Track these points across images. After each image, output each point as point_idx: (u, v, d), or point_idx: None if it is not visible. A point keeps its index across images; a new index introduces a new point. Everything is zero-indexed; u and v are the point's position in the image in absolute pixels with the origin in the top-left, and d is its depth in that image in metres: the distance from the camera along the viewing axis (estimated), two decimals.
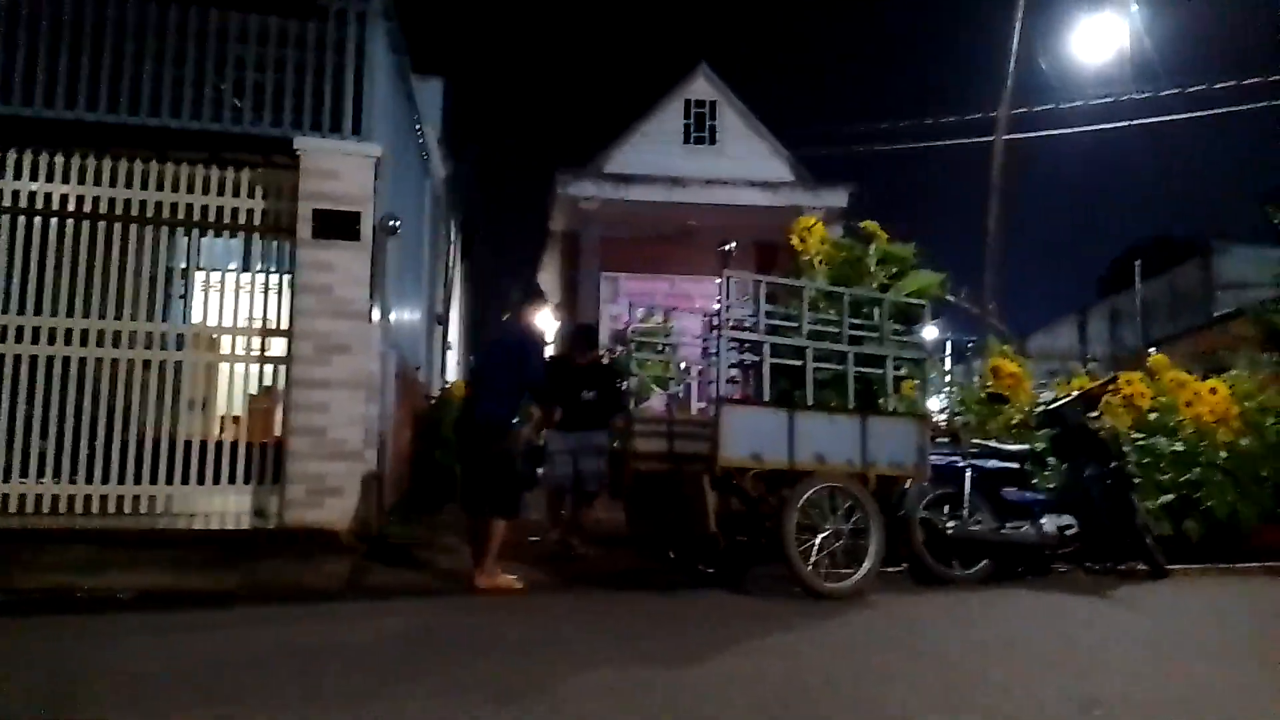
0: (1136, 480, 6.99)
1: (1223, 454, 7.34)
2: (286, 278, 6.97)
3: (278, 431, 6.90)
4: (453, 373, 18.17)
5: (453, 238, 16.69)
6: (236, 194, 6.89)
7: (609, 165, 16.44)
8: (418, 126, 10.59)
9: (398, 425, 8.28)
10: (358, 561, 5.85)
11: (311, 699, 3.04)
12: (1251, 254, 22.84)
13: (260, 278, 7.08)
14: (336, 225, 6.90)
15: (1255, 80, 15.11)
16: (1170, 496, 7.14)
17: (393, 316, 8.14)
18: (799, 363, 5.77)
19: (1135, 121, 16.31)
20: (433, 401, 10.74)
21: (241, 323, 7.00)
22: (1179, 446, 7.41)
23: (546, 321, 6.29)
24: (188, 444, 6.64)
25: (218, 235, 7.28)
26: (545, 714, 2.87)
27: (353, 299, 6.81)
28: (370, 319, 6.98)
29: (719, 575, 5.93)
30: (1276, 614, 5.26)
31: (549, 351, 6.71)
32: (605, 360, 7.48)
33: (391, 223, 7.27)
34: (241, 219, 6.94)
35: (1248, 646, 4.26)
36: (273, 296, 7.03)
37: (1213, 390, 7.50)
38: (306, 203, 6.83)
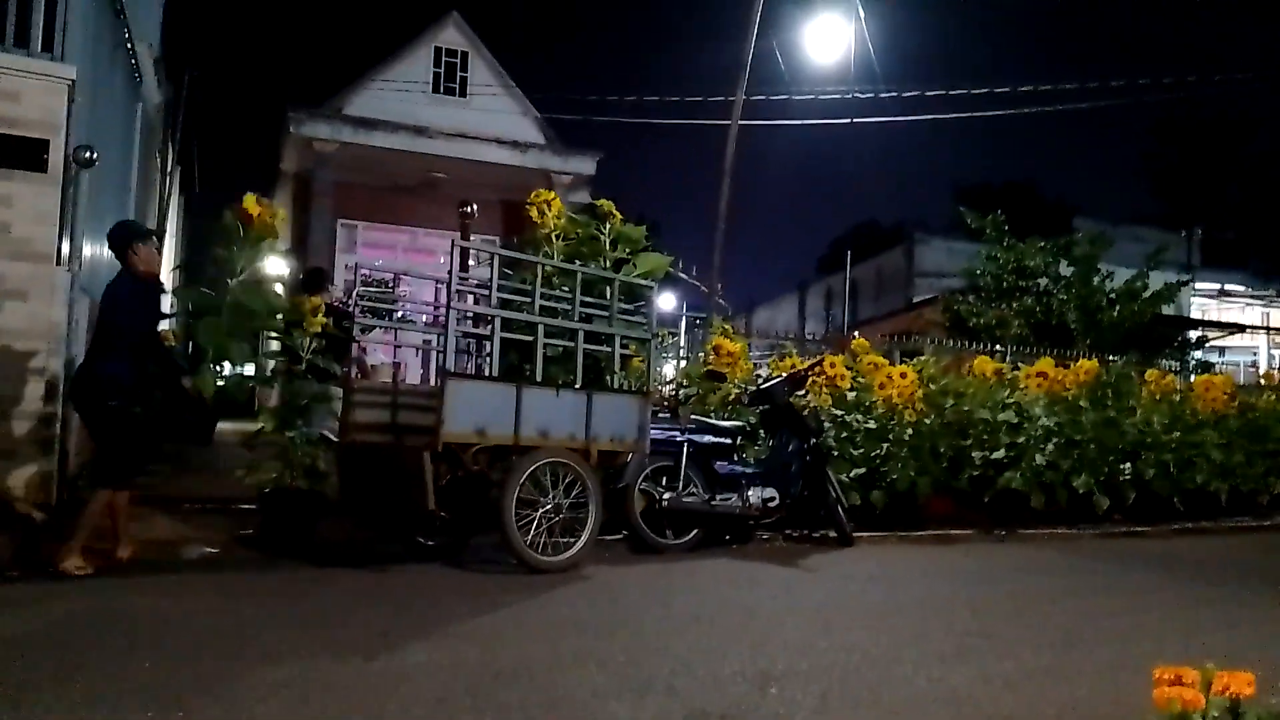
0: (834, 454, 7.65)
1: (908, 432, 8.16)
2: None
3: None
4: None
5: (169, 169, 15.29)
6: None
7: (349, 107, 15.66)
8: (129, 44, 9.55)
9: None
10: (31, 534, 5.27)
11: None
12: (946, 246, 25.48)
13: None
14: (18, 154, 6.13)
15: (960, 91, 16.73)
16: (861, 470, 7.84)
17: (87, 255, 7.35)
18: (529, 338, 5.79)
19: (858, 120, 17.61)
20: None
21: None
22: (871, 424, 8.16)
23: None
24: None
25: None
26: None
27: (35, 238, 6.09)
28: (57, 261, 6.26)
29: (437, 548, 5.88)
30: (935, 579, 5.92)
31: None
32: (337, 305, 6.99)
33: (87, 154, 6.53)
34: None
35: (907, 613, 4.77)
36: None
37: (903, 374, 8.30)
38: None
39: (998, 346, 13.79)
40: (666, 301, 16.59)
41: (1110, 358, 11.82)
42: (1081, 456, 8.63)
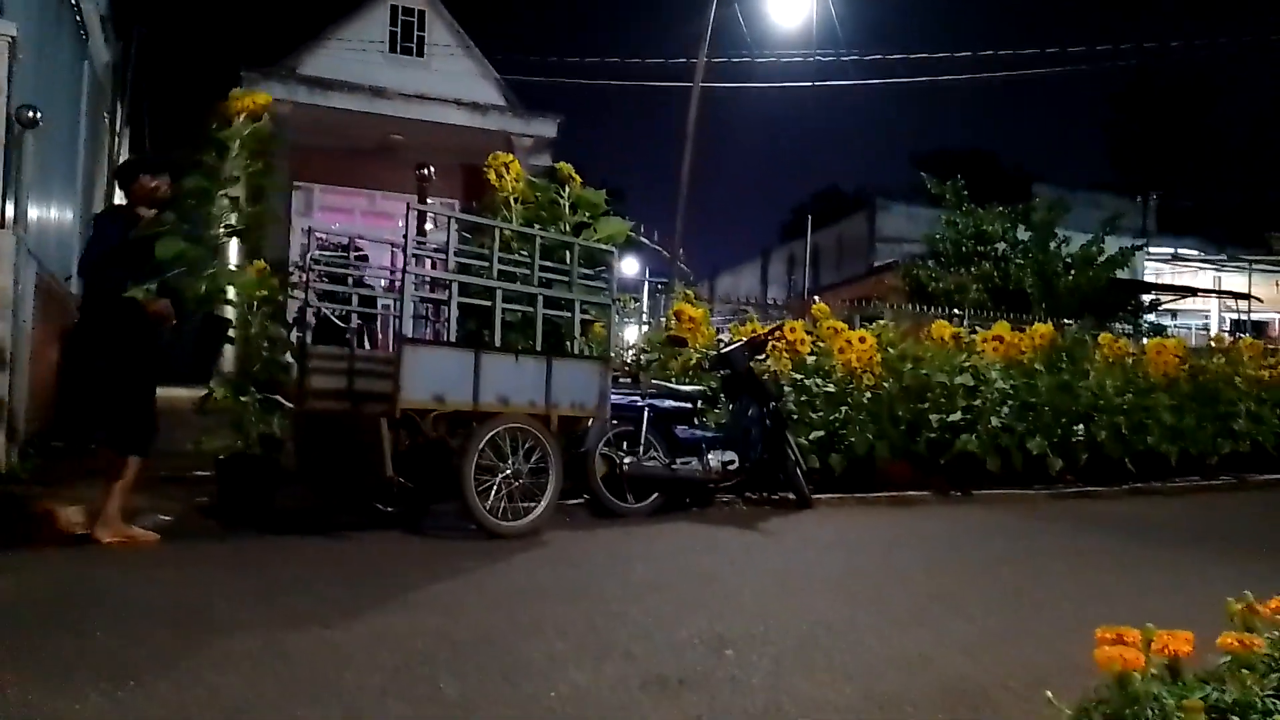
0: (793, 418, 7.70)
1: (867, 396, 8.23)
2: None
3: None
4: None
5: (119, 129, 14.89)
6: None
7: (303, 67, 15.32)
8: (74, 0, 9.26)
9: (39, 345, 7.34)
10: None
11: None
12: (907, 212, 25.63)
13: None
14: None
15: (922, 56, 16.73)
16: (820, 433, 7.89)
17: (34, 218, 7.15)
18: (488, 303, 5.73)
19: (819, 84, 17.58)
20: None
21: None
22: (830, 389, 8.20)
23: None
24: None
25: None
26: (167, 693, 2.68)
27: None
28: (2, 225, 6.08)
29: (396, 515, 5.85)
30: (892, 542, 6.01)
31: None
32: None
33: (31, 113, 6.33)
34: None
35: (864, 577, 4.84)
36: None
37: (862, 339, 8.35)
38: None
39: (956, 311, 13.93)
40: (629, 267, 16.56)
41: (1065, 322, 12.00)
42: (1036, 419, 8.76)
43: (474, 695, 2.74)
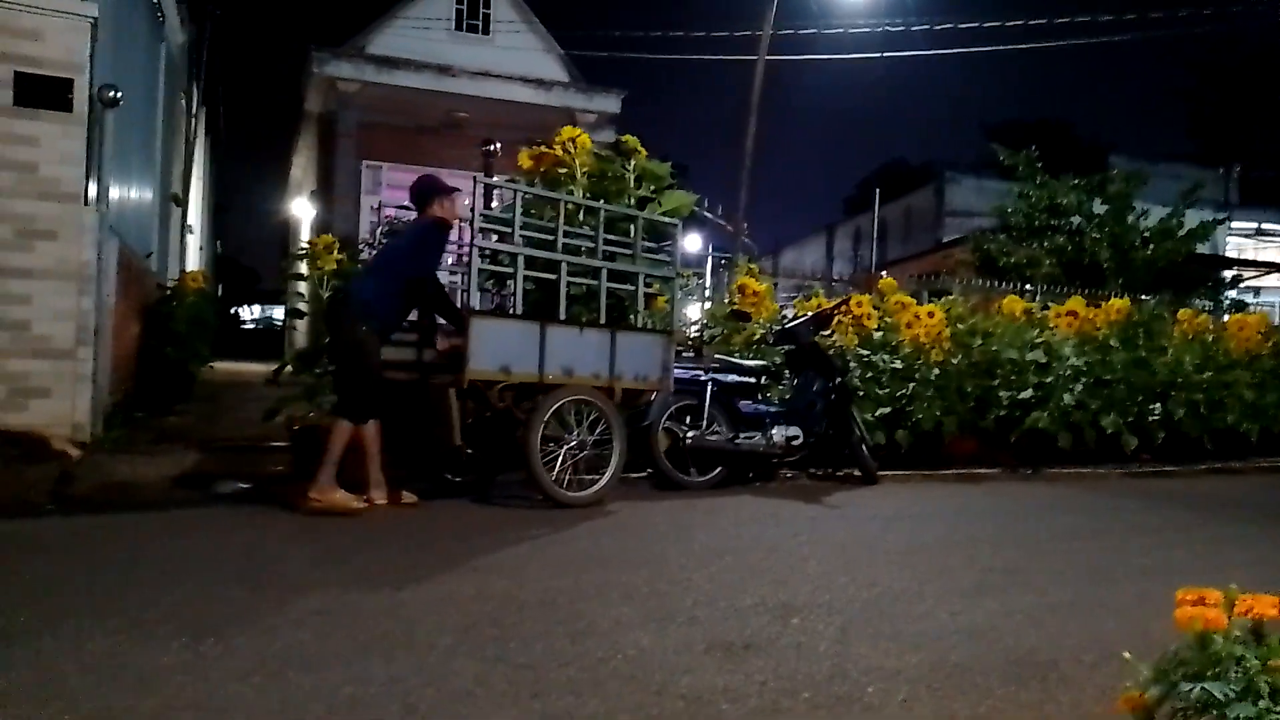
0: (859, 394, 7.63)
1: (934, 372, 8.11)
2: None
3: None
4: (194, 259, 16.88)
5: (194, 110, 15.27)
6: None
7: (371, 46, 15.50)
8: None
9: (121, 319, 7.61)
10: (64, 471, 5.39)
11: None
12: (977, 185, 25.06)
13: None
14: (43, 93, 6.14)
15: (994, 24, 16.30)
16: (887, 409, 7.81)
17: (115, 197, 7.39)
18: (553, 276, 5.77)
19: (887, 54, 17.20)
20: (167, 292, 9.94)
21: None
22: (897, 364, 8.11)
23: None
24: None
25: None
26: (245, 647, 2.78)
27: (63, 179, 6.12)
28: (85, 202, 6.30)
29: (464, 484, 5.95)
30: (958, 516, 5.93)
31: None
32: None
33: (112, 93, 6.53)
34: None
35: (930, 549, 4.79)
36: None
37: (930, 314, 8.23)
38: (5, 65, 6.00)
39: (1028, 286, 13.63)
40: (692, 243, 16.51)
41: (1143, 297, 11.65)
42: (1110, 396, 8.56)
43: (542, 656, 2.79)
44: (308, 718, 2.27)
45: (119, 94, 6.60)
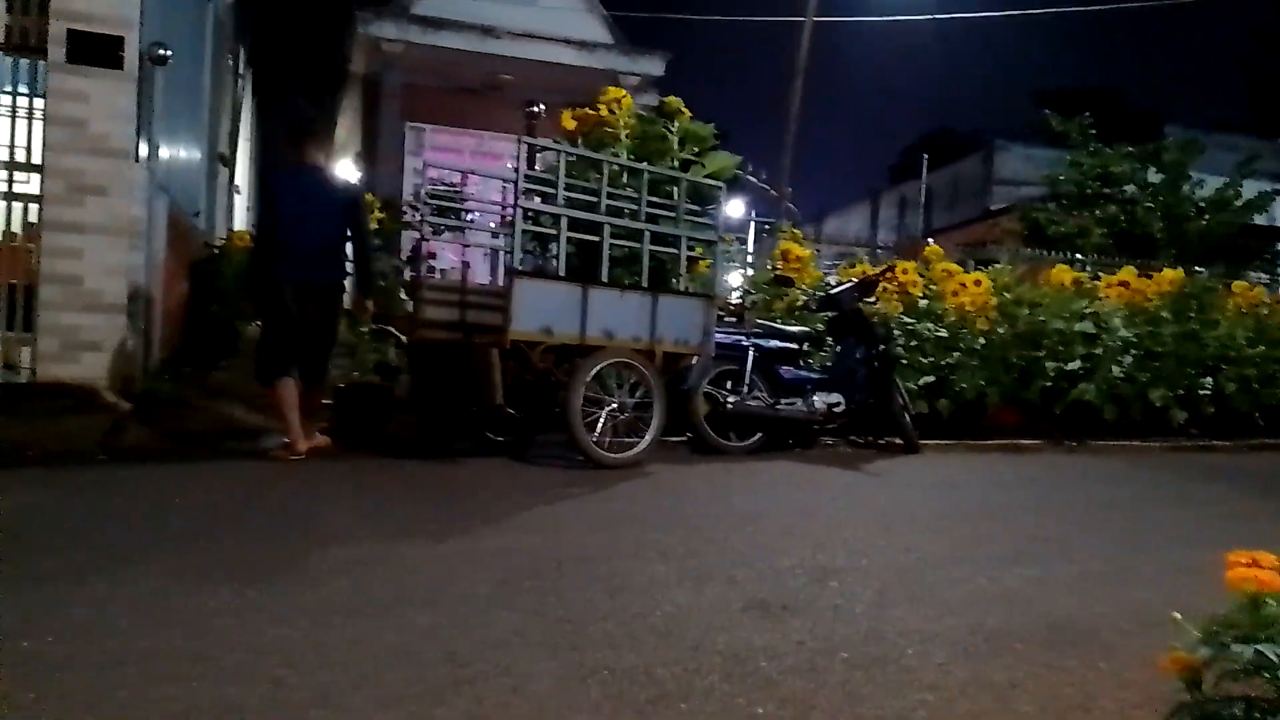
0: (902, 362, 7.56)
1: (979, 341, 8.01)
2: (39, 106, 6.25)
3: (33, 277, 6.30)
4: (240, 218, 17.07)
5: (240, 70, 15.37)
6: None
7: (416, 6, 15.44)
8: None
9: (169, 276, 7.73)
10: (116, 422, 5.51)
11: (24, 576, 2.86)
12: (1026, 153, 24.55)
13: (16, 107, 6.31)
14: (95, 50, 6.19)
15: None
16: (930, 378, 7.74)
17: (164, 155, 7.48)
18: (595, 238, 5.77)
19: (936, 16, 16.84)
20: (214, 250, 10.07)
21: None
22: (942, 332, 8.01)
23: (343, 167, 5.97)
24: None
25: None
26: (291, 593, 2.84)
27: (113, 135, 6.20)
28: (135, 159, 6.38)
29: (505, 444, 6.00)
30: (999, 485, 5.88)
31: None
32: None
33: (161, 51, 6.59)
34: None
35: (969, 517, 4.75)
36: (28, 127, 6.31)
37: (977, 282, 8.12)
38: (59, 21, 6.07)
39: (1077, 256, 13.37)
40: (735, 209, 16.38)
41: (1196, 269, 11.38)
42: (1160, 369, 8.40)
43: (579, 610, 2.82)
44: (350, 662, 2.31)
45: (168, 52, 6.65)
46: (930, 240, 10.85)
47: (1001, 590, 3.33)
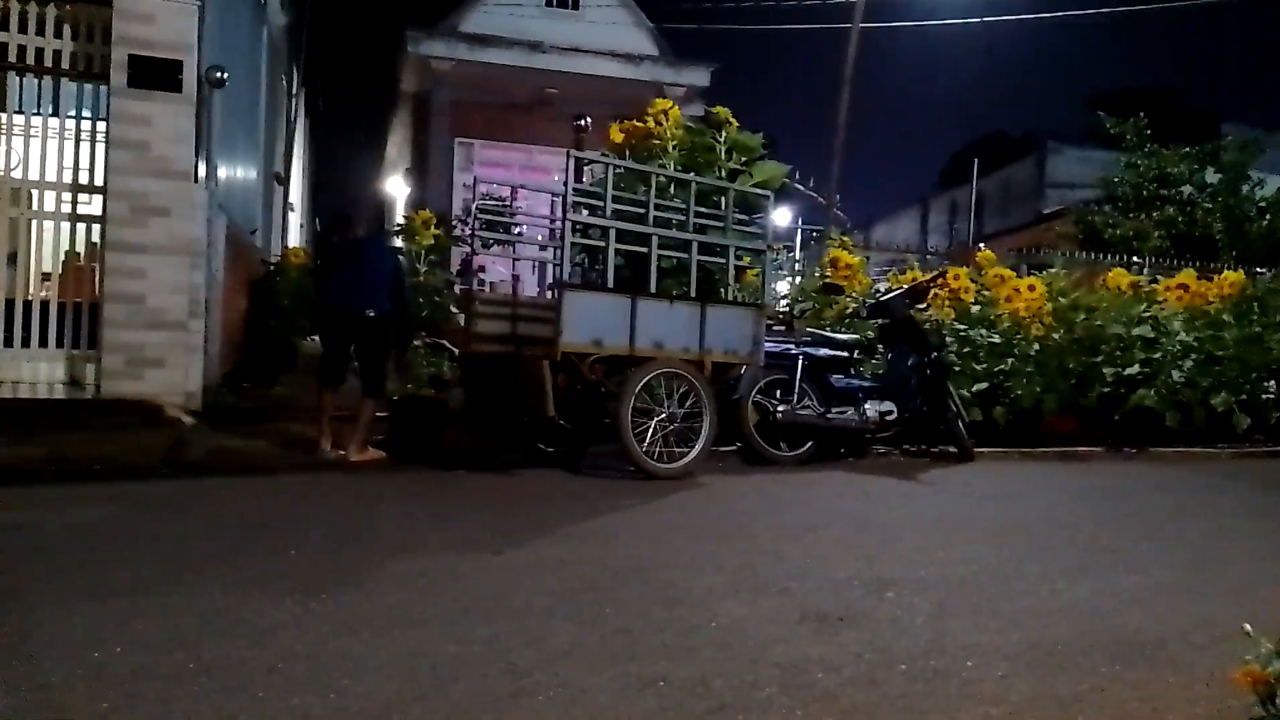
0: (956, 369, 7.46)
1: (1034, 347, 7.88)
2: (102, 129, 6.46)
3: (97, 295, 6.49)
4: (295, 236, 17.41)
5: (294, 91, 15.70)
6: (41, 32, 6.26)
7: (464, 24, 15.68)
8: None
9: (229, 293, 7.92)
10: (178, 437, 5.64)
11: (94, 589, 2.93)
12: (1080, 156, 24.13)
13: (80, 131, 6.54)
14: (155, 74, 6.38)
15: None
16: (984, 385, 7.63)
17: (222, 175, 7.67)
18: (643, 249, 5.79)
19: (985, 19, 16.68)
20: (270, 267, 10.29)
21: (53, 177, 6.49)
22: (995, 339, 7.90)
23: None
24: None
25: (19, 76, 6.57)
26: (353, 605, 2.88)
27: (174, 157, 6.37)
28: (195, 179, 6.55)
29: (557, 455, 6.04)
30: (1057, 495, 5.77)
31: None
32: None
33: (218, 74, 6.77)
34: (48, 61, 6.32)
35: (1028, 527, 4.68)
36: (90, 150, 6.53)
37: (1031, 287, 7.99)
38: (121, 48, 6.26)
39: (1134, 259, 13.10)
40: (782, 217, 16.32)
41: (1258, 271, 11.10)
42: (1222, 374, 8.19)
43: (636, 621, 2.82)
44: (412, 673, 2.34)
45: (225, 74, 6.83)
46: (982, 245, 10.72)
47: (1064, 602, 3.27)
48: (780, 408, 6.43)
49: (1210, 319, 8.55)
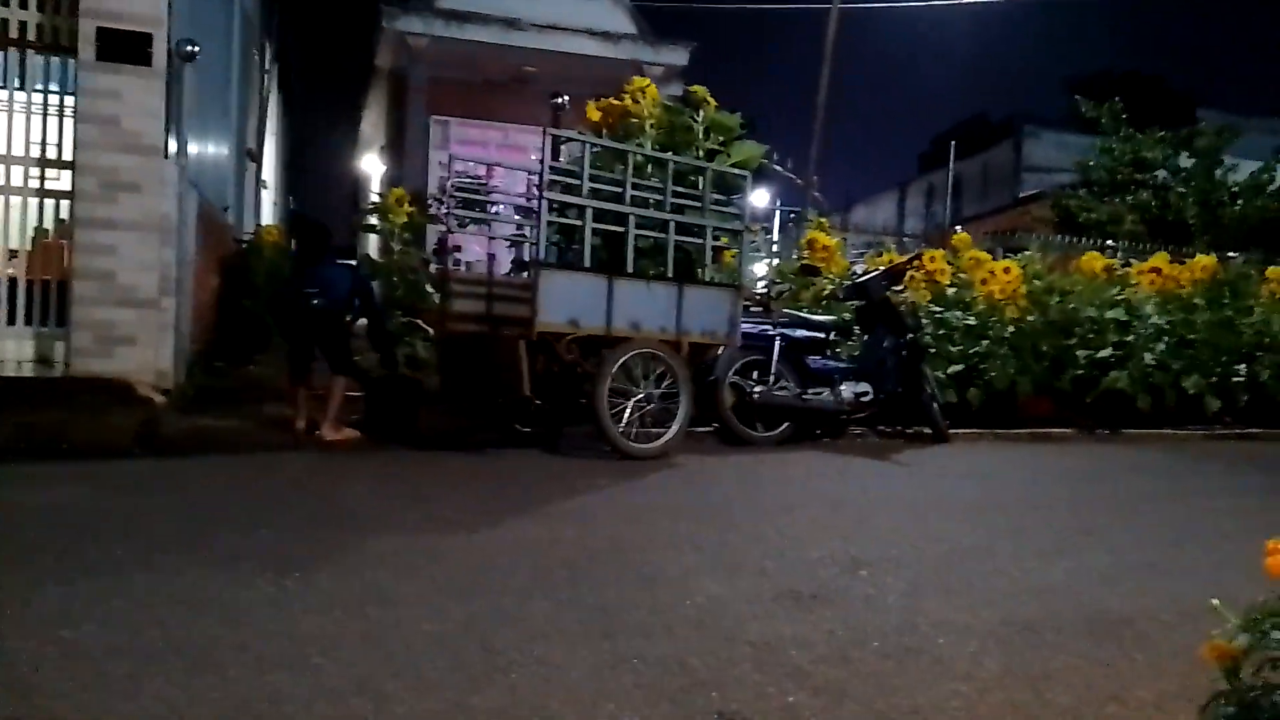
0: (931, 351, 7.50)
1: (1009, 329, 7.94)
2: (70, 104, 6.34)
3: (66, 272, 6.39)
4: (268, 213, 17.22)
5: (267, 67, 15.48)
6: (7, 4, 6.13)
7: (441, 0, 15.49)
8: None
9: (201, 271, 7.81)
10: (150, 416, 5.57)
11: (64, 568, 2.91)
12: (1058, 139, 24.27)
13: (47, 105, 6.41)
14: (124, 48, 6.25)
15: None
16: (959, 367, 7.68)
17: (194, 151, 7.54)
18: (621, 229, 5.77)
19: (965, 1, 16.68)
20: (243, 245, 10.16)
21: (20, 151, 6.36)
22: (971, 321, 7.95)
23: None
24: None
25: None
26: (327, 584, 2.87)
27: (144, 132, 6.25)
28: (165, 155, 6.44)
29: (534, 435, 6.03)
30: (1031, 475, 5.84)
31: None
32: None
33: (190, 48, 6.64)
34: (13, 33, 6.19)
35: (1002, 508, 4.72)
36: (59, 125, 6.40)
37: (1006, 270, 8.04)
38: (89, 20, 6.13)
39: (1109, 243, 13.21)
40: (760, 199, 16.32)
41: (1230, 255, 11.21)
42: (1193, 357, 8.29)
43: (613, 600, 2.83)
44: (387, 652, 2.33)
45: (196, 49, 6.70)
46: (958, 228, 10.76)
47: (1036, 582, 3.31)
48: (757, 389, 6.44)
49: (1183, 303, 8.65)
